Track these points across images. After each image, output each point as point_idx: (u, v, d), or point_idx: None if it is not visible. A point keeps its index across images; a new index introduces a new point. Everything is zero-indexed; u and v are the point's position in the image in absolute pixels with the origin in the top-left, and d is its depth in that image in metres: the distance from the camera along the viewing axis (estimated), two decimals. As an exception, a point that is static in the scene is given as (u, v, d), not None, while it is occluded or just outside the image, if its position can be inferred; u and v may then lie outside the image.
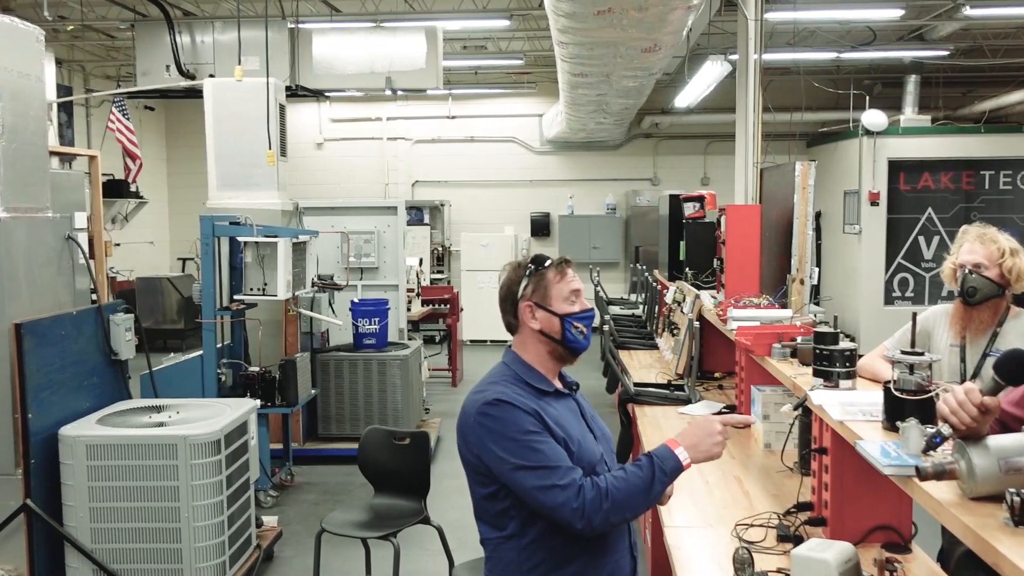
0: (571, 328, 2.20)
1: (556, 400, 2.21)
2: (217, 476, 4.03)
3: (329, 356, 6.74)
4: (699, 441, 2.09)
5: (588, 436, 2.21)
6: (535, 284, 2.22)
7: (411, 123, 13.85)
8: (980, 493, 1.74)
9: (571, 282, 2.24)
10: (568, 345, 2.21)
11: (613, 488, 2.02)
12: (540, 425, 2.09)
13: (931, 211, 10.49)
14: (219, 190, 6.84)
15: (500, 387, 2.16)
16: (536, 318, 2.21)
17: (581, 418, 2.26)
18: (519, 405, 2.09)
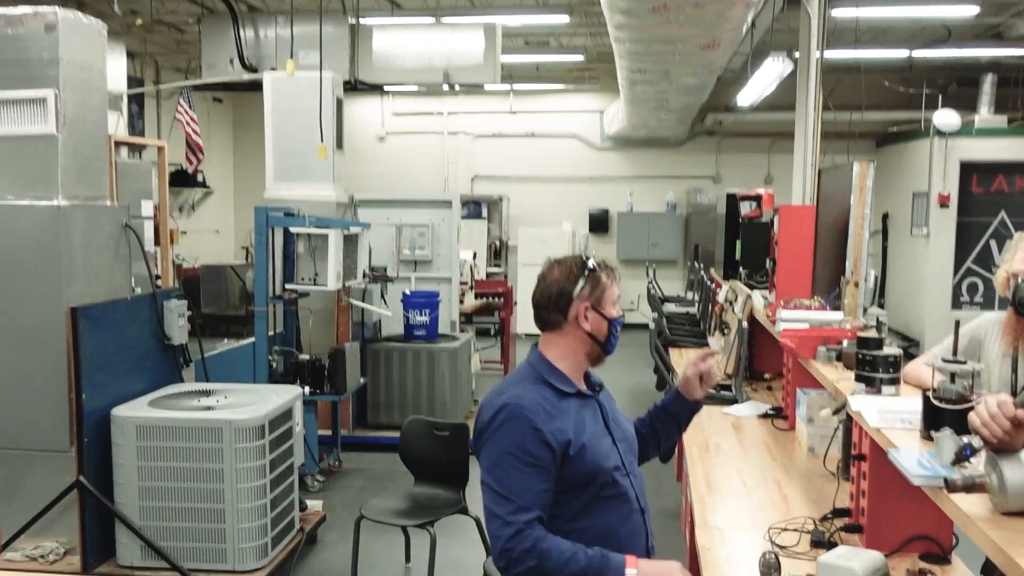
0: (615, 332, 2.27)
1: (576, 401, 2.21)
2: (260, 460, 4.12)
3: (380, 346, 6.82)
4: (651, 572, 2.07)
5: (604, 440, 2.20)
6: (592, 286, 2.24)
7: (472, 118, 13.91)
8: (1012, 508, 1.68)
9: (616, 287, 2.30)
10: (608, 349, 2.27)
11: (548, 556, 2.02)
12: (545, 448, 2.07)
13: (1004, 214, 10.11)
14: (276, 181, 6.97)
15: (518, 389, 2.17)
16: (588, 319, 2.23)
17: (601, 420, 2.24)
18: (528, 415, 2.09)
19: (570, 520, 2.12)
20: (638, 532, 2.19)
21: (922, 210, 10.34)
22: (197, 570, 4.07)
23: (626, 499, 2.17)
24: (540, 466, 2.08)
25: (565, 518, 2.12)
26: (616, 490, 2.15)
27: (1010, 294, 2.99)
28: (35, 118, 4.20)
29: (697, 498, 3.26)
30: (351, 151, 12.98)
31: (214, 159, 13.25)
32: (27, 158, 4.19)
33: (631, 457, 2.27)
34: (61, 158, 4.20)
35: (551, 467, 2.09)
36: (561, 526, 2.11)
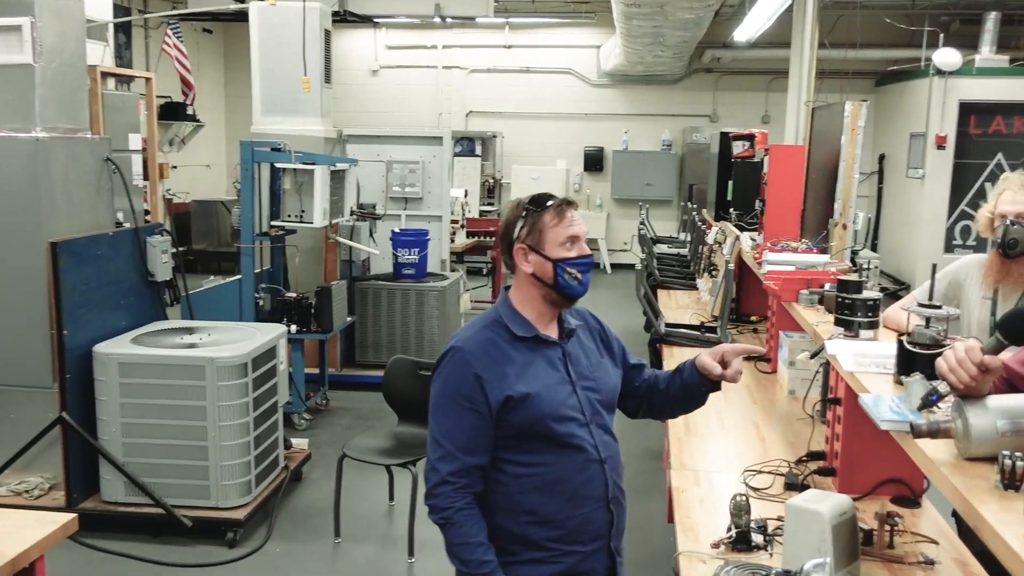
0: (564, 274, 2.12)
1: (531, 347, 2.15)
2: (243, 398, 4.13)
3: (368, 284, 6.80)
4: None
5: (561, 388, 2.13)
6: (530, 226, 2.15)
7: (467, 52, 13.65)
8: (976, 454, 1.67)
9: (570, 226, 2.14)
10: (561, 291, 2.15)
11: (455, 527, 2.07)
12: (476, 387, 2.06)
13: (1001, 157, 10.00)
14: (263, 115, 6.85)
15: (470, 332, 2.15)
16: (529, 261, 2.15)
17: (562, 367, 2.17)
18: (469, 359, 2.08)
19: (520, 465, 2.10)
20: (594, 482, 2.14)
21: (919, 151, 10.24)
22: (181, 506, 4.11)
23: (582, 449, 2.11)
24: (477, 411, 2.06)
25: (515, 463, 2.10)
26: (570, 439, 2.10)
27: (997, 235, 2.96)
28: (10, 47, 4.10)
29: (675, 439, 3.28)
30: (344, 85, 12.78)
31: (205, 92, 13.02)
32: (3, 89, 4.11)
33: (600, 407, 2.20)
34: (39, 89, 4.12)
35: (487, 412, 2.06)
36: (511, 469, 2.11)
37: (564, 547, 2.12)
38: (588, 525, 2.14)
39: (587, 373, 2.20)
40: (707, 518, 2.58)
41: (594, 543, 2.15)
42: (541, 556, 2.12)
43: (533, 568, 2.13)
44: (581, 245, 2.16)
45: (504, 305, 2.20)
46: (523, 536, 2.12)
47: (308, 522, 4.50)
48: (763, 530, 2.41)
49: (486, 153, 13.25)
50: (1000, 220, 2.96)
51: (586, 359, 2.23)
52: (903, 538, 2.39)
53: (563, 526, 2.11)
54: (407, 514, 4.13)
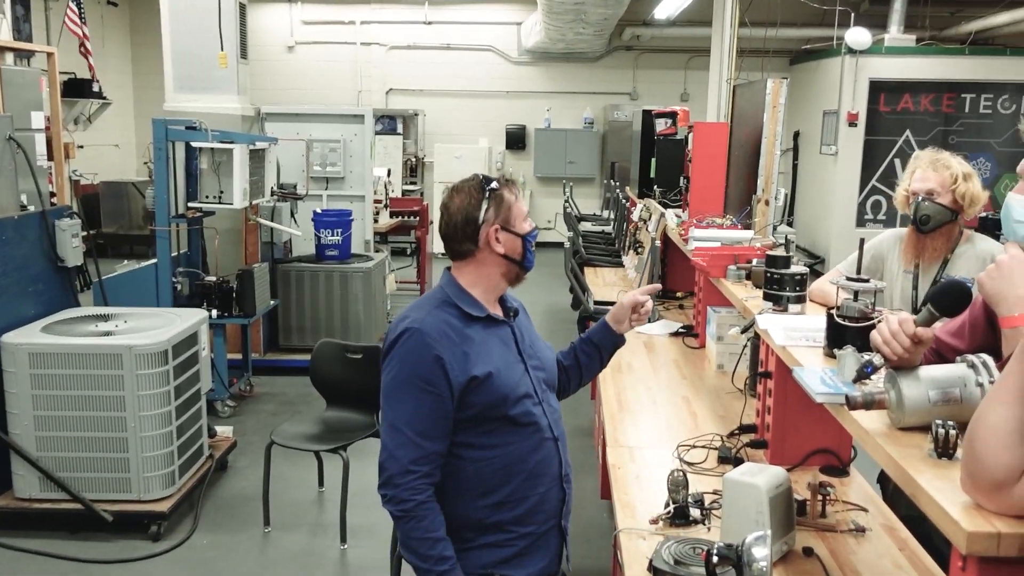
0: (530, 248, 2.17)
1: (485, 327, 2.13)
2: (164, 387, 3.99)
3: (290, 267, 6.64)
4: None
5: (516, 367, 2.13)
6: (496, 206, 2.12)
7: (386, 28, 13.41)
8: (909, 424, 1.70)
9: (522, 201, 2.20)
10: (526, 266, 2.18)
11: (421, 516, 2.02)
12: (437, 369, 2.01)
13: (909, 133, 10.35)
14: (176, 92, 6.60)
15: (422, 314, 2.08)
16: (500, 240, 2.12)
17: (513, 346, 2.17)
18: (428, 341, 2.02)
19: (479, 448, 2.08)
20: (549, 460, 2.16)
21: (831, 128, 10.52)
22: (100, 500, 3.95)
23: (537, 428, 2.11)
24: (437, 394, 2.01)
25: (474, 446, 2.08)
26: (527, 418, 2.10)
27: (911, 212, 3.05)
28: (-102, 19, 3.83)
29: (608, 416, 3.29)
30: (258, 62, 12.40)
31: (111, 68, 12.48)
32: None
33: (546, 385, 2.22)
34: (-72, 65, 3.86)
35: (448, 395, 2.02)
36: (469, 453, 2.08)
37: (520, 528, 2.11)
38: (543, 504, 2.14)
39: (531, 352, 2.21)
40: (644, 494, 2.60)
41: (547, 523, 2.16)
42: (495, 540, 2.11)
43: (487, 553, 2.11)
44: (530, 220, 2.21)
45: (452, 285, 2.15)
46: (479, 521, 2.10)
47: (236, 512, 4.38)
48: (700, 504, 2.43)
49: (408, 131, 13.08)
50: (914, 197, 3.06)
51: (530, 338, 2.24)
52: (834, 507, 2.45)
53: (520, 506, 2.10)
54: (338, 500, 4.06)
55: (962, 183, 2.97)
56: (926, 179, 3.02)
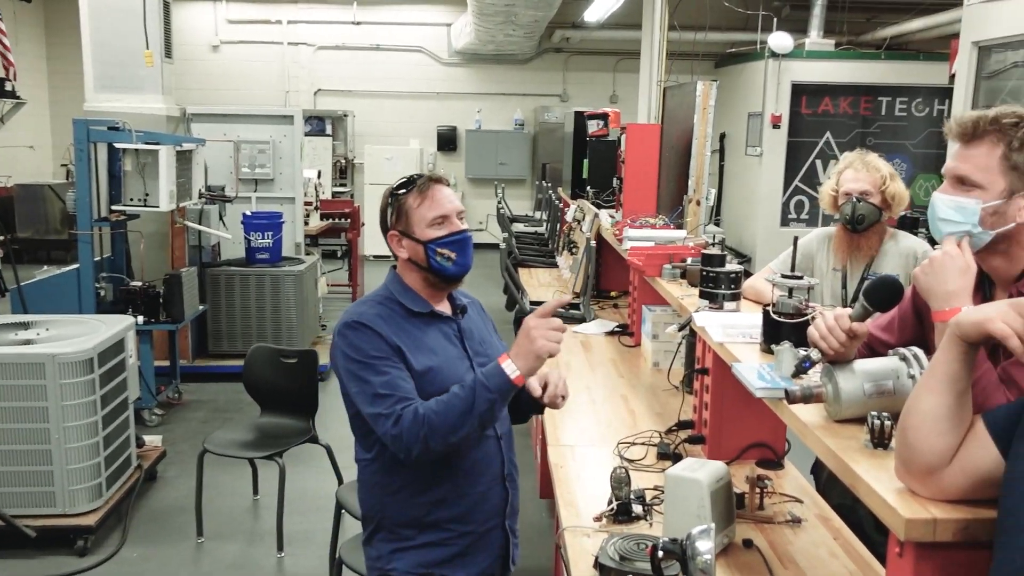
0: (435, 255, 2.07)
1: (428, 322, 2.12)
2: (90, 396, 3.85)
3: (219, 271, 6.49)
4: (521, 348, 1.93)
5: (460, 363, 2.11)
6: (397, 212, 2.10)
7: (314, 28, 13.22)
8: (845, 416, 1.75)
9: (436, 205, 2.08)
10: (436, 273, 2.10)
11: (431, 412, 1.93)
12: (391, 351, 2.01)
13: (829, 135, 10.68)
14: (97, 92, 6.37)
15: (364, 307, 2.09)
16: (403, 246, 2.11)
17: (458, 343, 2.16)
18: (374, 328, 2.02)
19: None
20: (491, 458, 2.14)
21: (756, 130, 10.77)
22: (23, 516, 3.79)
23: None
24: (391, 360, 2.00)
25: None
26: None
27: (845, 212, 3.14)
28: None
29: (548, 415, 3.30)
30: (182, 61, 12.08)
31: (24, 67, 11.92)
32: None
33: None
34: None
35: (399, 362, 2.01)
36: None
37: (459, 527, 2.09)
38: (484, 503, 2.13)
39: (480, 349, 2.19)
40: (587, 492, 2.62)
41: (489, 522, 2.14)
42: (435, 539, 2.09)
43: (427, 552, 2.09)
44: (452, 222, 2.09)
45: (395, 282, 2.15)
46: (418, 518, 2.09)
47: (167, 523, 4.26)
48: (642, 500, 2.46)
49: (337, 133, 12.92)
50: (844, 197, 3.15)
51: (479, 335, 2.23)
52: (772, 499, 2.51)
53: (459, 504, 2.09)
54: (274, 508, 3.99)
55: (890, 183, 3.08)
56: (858, 180, 3.11)
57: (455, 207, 2.11)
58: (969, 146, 1.69)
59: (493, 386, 1.93)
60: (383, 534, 2.14)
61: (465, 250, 2.11)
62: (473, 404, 1.92)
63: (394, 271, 2.18)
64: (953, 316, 1.56)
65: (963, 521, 1.35)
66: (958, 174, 1.70)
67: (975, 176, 1.67)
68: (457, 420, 1.93)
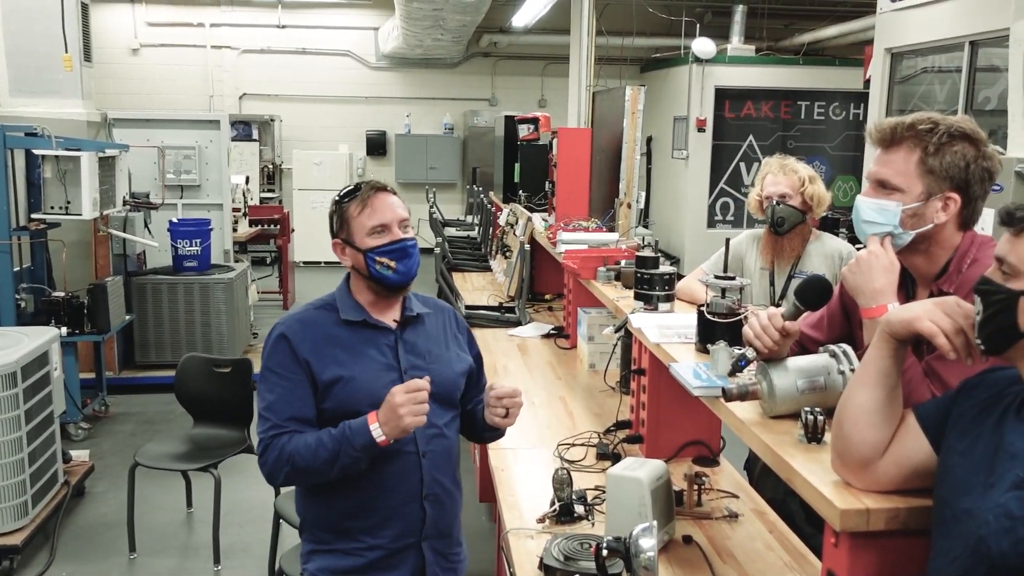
0: (375, 264, 2.06)
1: (358, 331, 2.10)
2: (14, 411, 3.73)
3: (146, 280, 6.33)
4: (387, 418, 1.95)
5: (385, 375, 2.07)
6: (339, 221, 2.11)
7: (237, 31, 12.98)
8: (780, 412, 1.81)
9: (375, 213, 2.07)
10: (378, 282, 2.09)
11: (296, 454, 1.99)
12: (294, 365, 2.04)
13: (752, 138, 10.97)
14: (12, 96, 6.16)
15: (296, 313, 2.14)
16: (346, 255, 2.11)
17: (391, 354, 2.11)
18: (288, 337, 2.06)
19: None
20: (406, 475, 2.07)
21: (682, 134, 11.00)
22: (-57, 537, 3.65)
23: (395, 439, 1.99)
24: (297, 379, 2.04)
25: None
26: None
27: (767, 215, 3.25)
28: None
29: (488, 419, 3.33)
30: (100, 64, 11.73)
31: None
32: None
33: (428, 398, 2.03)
34: None
35: (306, 380, 2.04)
36: None
37: (369, 540, 2.07)
38: (395, 520, 2.08)
39: (419, 363, 2.13)
40: (529, 494, 2.65)
41: (402, 540, 2.09)
42: (346, 547, 2.08)
43: (337, 559, 2.09)
44: (392, 231, 2.09)
45: (341, 289, 2.16)
46: (333, 524, 2.10)
47: (97, 539, 4.14)
48: (584, 501, 2.50)
49: (264, 137, 12.72)
50: (767, 201, 3.26)
51: (426, 347, 2.17)
52: (709, 495, 2.58)
53: (370, 517, 2.07)
54: (209, 521, 3.92)
55: (809, 185, 3.20)
56: (777, 183, 3.23)
57: (396, 216, 2.10)
58: (888, 151, 1.78)
59: (358, 444, 1.97)
60: (306, 534, 2.16)
61: (406, 259, 2.09)
62: (337, 456, 1.97)
63: (346, 277, 2.18)
64: (880, 313, 1.64)
65: (895, 510, 1.41)
66: (879, 178, 1.78)
67: (895, 180, 1.75)
68: (320, 467, 1.99)
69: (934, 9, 6.53)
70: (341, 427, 1.98)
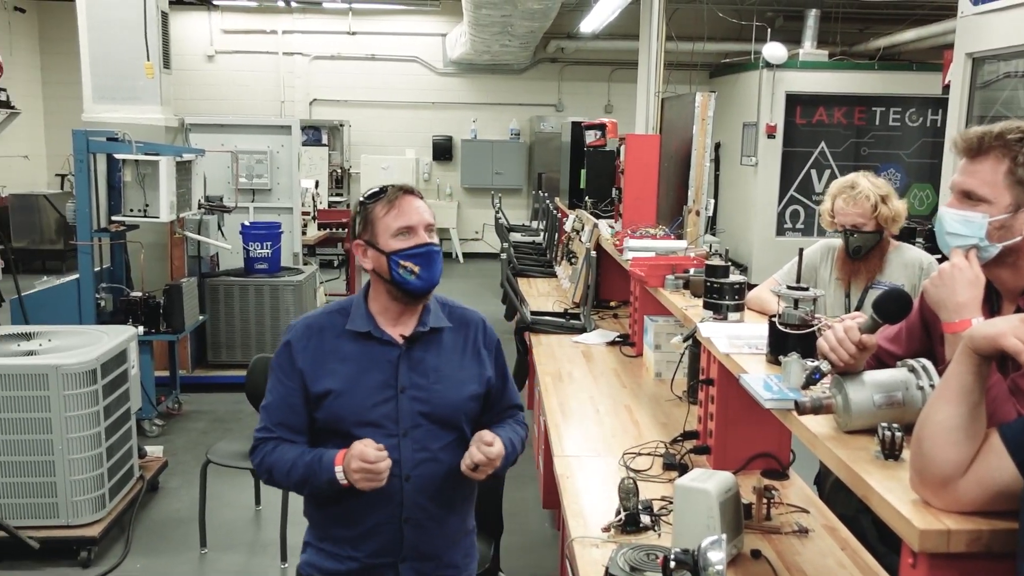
0: (397, 267, 1.99)
1: (360, 343, 2.05)
2: (93, 407, 3.85)
3: (219, 281, 6.50)
4: (349, 471, 1.93)
5: (376, 393, 2.02)
6: (363, 221, 2.06)
7: (309, 38, 13.27)
8: (855, 427, 1.77)
9: (402, 216, 2.01)
10: (398, 287, 2.02)
11: (274, 468, 2.05)
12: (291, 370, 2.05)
13: (824, 145, 10.75)
14: (95, 102, 6.38)
15: (306, 317, 2.14)
16: (368, 257, 2.05)
17: (389, 372, 2.04)
18: (292, 342, 2.08)
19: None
20: (387, 497, 2.01)
21: (751, 140, 10.84)
22: (26, 527, 3.79)
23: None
24: (291, 387, 2.06)
25: None
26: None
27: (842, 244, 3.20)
28: None
29: (553, 426, 3.32)
30: (177, 71, 12.10)
31: (18, 78, 12.01)
32: None
33: (421, 420, 2.04)
34: None
35: (298, 389, 2.05)
36: None
37: (349, 550, 2.08)
38: (372, 538, 2.06)
39: (423, 383, 2.06)
40: (593, 503, 2.63)
41: (379, 558, 2.07)
42: (330, 551, 2.11)
43: (321, 558, 2.12)
44: (417, 234, 2.03)
45: (359, 294, 2.13)
46: (321, 524, 2.13)
47: (169, 534, 4.26)
48: (650, 511, 2.47)
49: (333, 142, 12.95)
50: (840, 227, 3.20)
51: (435, 365, 2.09)
52: (778, 509, 2.52)
53: (351, 528, 2.07)
54: (276, 519, 3.99)
55: (882, 207, 3.11)
56: (847, 214, 3.16)
57: (423, 219, 2.04)
58: (974, 161, 1.72)
59: (323, 480, 1.99)
60: (308, 526, 2.19)
61: (430, 264, 2.03)
62: (307, 482, 2.03)
63: (367, 282, 2.14)
64: (963, 328, 1.59)
65: (977, 532, 1.36)
66: (964, 189, 1.72)
67: (981, 191, 1.69)
68: (294, 485, 2.07)
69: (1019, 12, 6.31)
70: (314, 455, 2.00)
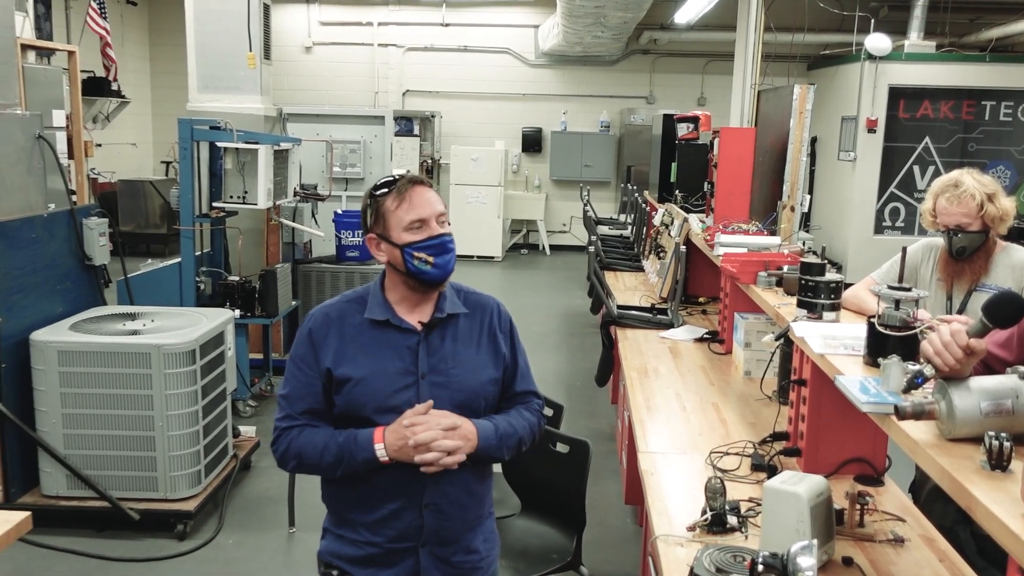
0: (412, 259, 2.00)
1: (380, 330, 2.06)
2: (192, 386, 4.00)
3: (311, 268, 6.66)
4: (393, 443, 1.95)
5: (397, 379, 2.03)
6: (375, 214, 2.06)
7: (403, 29, 13.45)
8: (959, 435, 1.70)
9: (413, 209, 2.01)
10: (415, 277, 2.03)
11: (304, 452, 2.03)
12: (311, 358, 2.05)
13: (928, 140, 10.31)
14: (200, 92, 6.62)
15: (326, 305, 2.13)
16: (382, 250, 2.06)
17: (409, 359, 2.05)
18: (312, 329, 2.08)
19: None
20: (407, 482, 2.02)
21: (850, 134, 10.48)
22: (127, 499, 3.97)
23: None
24: (313, 374, 2.05)
25: None
26: None
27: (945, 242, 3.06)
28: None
29: (637, 422, 3.29)
30: (276, 62, 12.43)
31: (129, 67, 12.54)
32: (-76, 63, 3.86)
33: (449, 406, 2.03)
34: (-37, 62, 3.89)
35: (319, 376, 2.05)
36: None
37: (368, 535, 2.07)
38: (393, 522, 2.05)
39: (443, 367, 2.07)
40: (678, 501, 2.59)
41: (400, 543, 2.07)
42: (348, 535, 2.10)
43: (340, 545, 2.12)
44: (430, 226, 2.02)
45: (377, 283, 2.13)
46: (339, 511, 2.12)
47: (260, 512, 4.39)
48: (737, 512, 2.43)
49: (424, 133, 13.10)
50: (944, 228, 3.06)
51: (452, 350, 2.09)
52: (872, 516, 2.44)
53: (371, 513, 2.06)
54: (362, 501, 4.07)
55: (988, 206, 2.96)
56: (951, 214, 3.01)
57: (435, 210, 2.04)
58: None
59: (360, 459, 1.98)
60: (327, 512, 2.18)
61: (444, 254, 2.04)
62: (341, 463, 2.00)
63: (383, 273, 2.14)
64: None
65: (1094, 551, 1.29)
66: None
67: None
68: (325, 468, 2.03)
69: None
70: (348, 436, 2.00)
